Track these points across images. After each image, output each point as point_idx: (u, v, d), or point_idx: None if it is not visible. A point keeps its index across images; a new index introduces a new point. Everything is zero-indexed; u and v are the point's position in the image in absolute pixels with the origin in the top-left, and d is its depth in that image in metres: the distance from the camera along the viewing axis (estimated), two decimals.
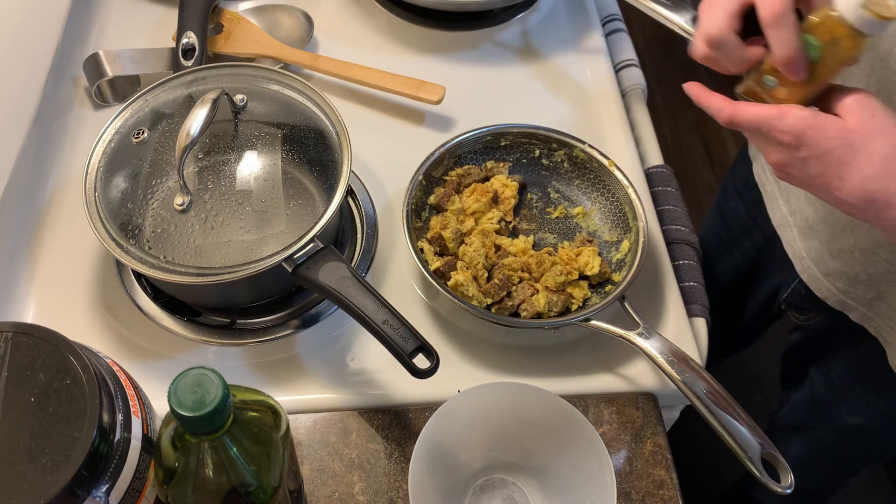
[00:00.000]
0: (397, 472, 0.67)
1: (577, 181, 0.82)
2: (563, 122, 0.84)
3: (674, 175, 0.88)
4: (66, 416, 0.47)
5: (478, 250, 0.74)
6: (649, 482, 0.68)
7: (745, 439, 0.63)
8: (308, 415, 0.70)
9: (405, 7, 0.99)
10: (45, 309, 0.74)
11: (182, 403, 0.44)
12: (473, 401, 0.64)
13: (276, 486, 0.52)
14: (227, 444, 0.48)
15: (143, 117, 0.73)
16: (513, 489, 0.67)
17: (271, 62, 0.91)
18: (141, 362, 0.71)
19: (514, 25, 1.01)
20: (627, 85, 0.98)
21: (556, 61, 0.98)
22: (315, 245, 0.66)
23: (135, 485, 0.51)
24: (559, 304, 0.72)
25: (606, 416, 0.71)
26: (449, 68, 0.96)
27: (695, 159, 2.16)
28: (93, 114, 0.88)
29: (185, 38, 0.86)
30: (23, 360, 0.49)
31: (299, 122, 0.73)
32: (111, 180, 0.69)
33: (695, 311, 0.78)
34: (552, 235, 0.80)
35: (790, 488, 0.62)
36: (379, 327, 0.61)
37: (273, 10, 0.97)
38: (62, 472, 0.45)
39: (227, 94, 0.71)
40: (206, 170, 0.69)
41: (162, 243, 0.66)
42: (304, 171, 0.71)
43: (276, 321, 0.73)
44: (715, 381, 0.66)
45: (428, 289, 0.77)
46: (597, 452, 0.61)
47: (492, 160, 0.83)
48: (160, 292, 0.73)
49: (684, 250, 0.82)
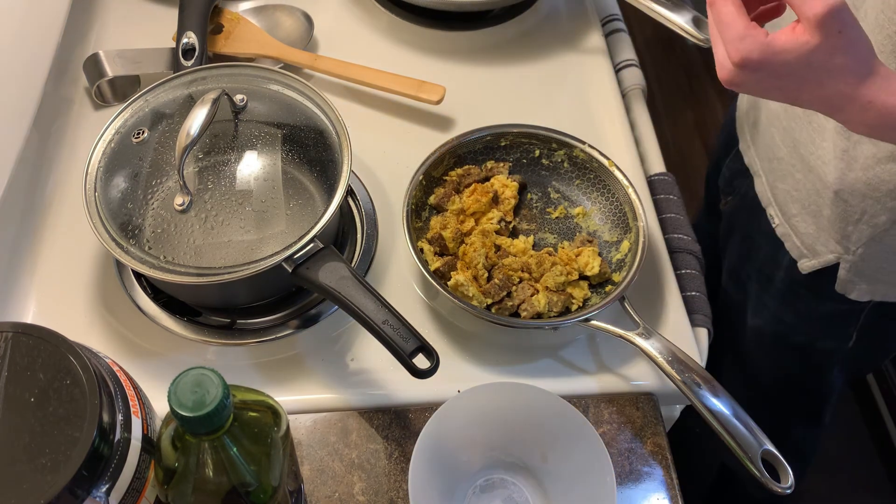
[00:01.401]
0: (397, 472, 0.67)
1: (577, 181, 0.82)
2: (563, 122, 0.84)
3: (676, 183, 0.89)
4: (66, 416, 0.47)
5: (478, 250, 0.74)
6: (649, 482, 0.68)
7: (744, 439, 0.63)
8: (308, 415, 0.70)
9: (405, 7, 0.99)
10: (45, 309, 0.74)
11: (182, 403, 0.44)
12: (473, 401, 0.64)
13: (276, 486, 0.52)
14: (227, 444, 0.48)
15: (143, 117, 0.73)
16: (513, 489, 0.67)
17: (271, 62, 0.91)
18: (141, 362, 0.71)
19: (514, 25, 1.01)
20: (627, 85, 0.98)
21: (556, 61, 0.98)
22: (315, 245, 0.66)
23: (135, 485, 0.51)
24: (559, 305, 0.72)
25: (606, 416, 0.71)
26: (449, 68, 0.96)
27: (695, 159, 2.16)
28: (93, 114, 0.88)
29: (185, 38, 0.86)
30: (23, 360, 0.49)
31: (299, 122, 0.73)
32: (111, 180, 0.69)
33: (697, 321, 0.78)
34: (552, 235, 0.80)
35: (790, 488, 0.62)
36: (379, 327, 0.61)
37: (273, 10, 0.97)
38: (62, 472, 0.45)
39: (227, 94, 0.71)
40: (206, 170, 0.69)
41: (162, 243, 0.66)
42: (304, 171, 0.71)
43: (277, 321, 0.73)
44: (714, 381, 0.66)
45: (428, 289, 0.77)
46: (597, 452, 0.61)
47: (492, 160, 0.83)
48: (160, 292, 0.73)
49: (686, 259, 0.82)
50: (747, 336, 0.97)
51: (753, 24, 0.52)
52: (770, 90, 0.54)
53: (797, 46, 0.50)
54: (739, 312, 0.97)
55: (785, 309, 0.89)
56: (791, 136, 0.77)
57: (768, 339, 0.94)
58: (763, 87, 0.54)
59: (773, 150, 0.81)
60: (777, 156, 0.80)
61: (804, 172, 0.76)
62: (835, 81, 0.52)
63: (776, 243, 0.84)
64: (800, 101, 0.55)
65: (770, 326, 0.92)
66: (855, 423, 1.69)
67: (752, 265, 0.92)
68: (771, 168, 0.82)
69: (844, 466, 1.60)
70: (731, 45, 0.52)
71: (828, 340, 0.90)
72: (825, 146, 0.72)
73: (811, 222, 0.78)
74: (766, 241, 0.87)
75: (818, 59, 0.51)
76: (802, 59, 0.51)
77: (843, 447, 1.62)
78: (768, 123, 0.81)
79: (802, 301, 0.86)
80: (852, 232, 0.74)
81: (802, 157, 0.76)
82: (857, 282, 0.78)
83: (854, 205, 0.72)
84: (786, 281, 0.86)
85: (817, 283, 0.82)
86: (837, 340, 0.89)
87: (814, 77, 0.52)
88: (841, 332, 0.88)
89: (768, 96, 0.56)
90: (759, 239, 0.89)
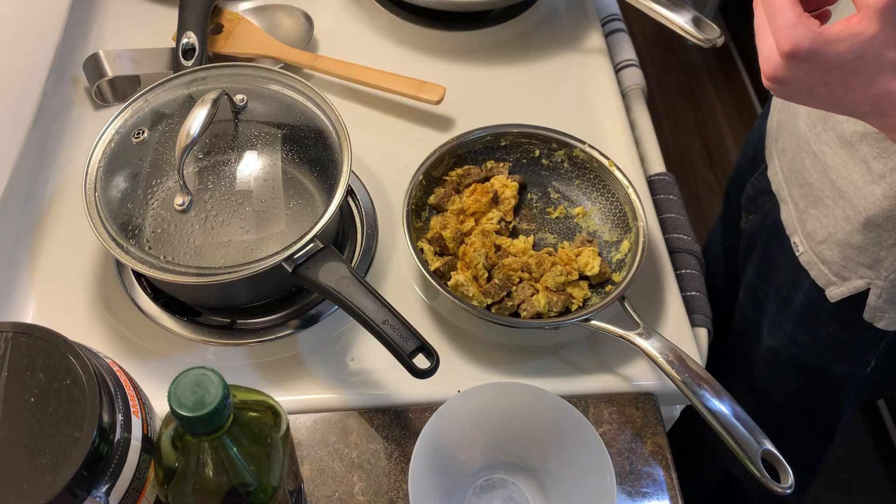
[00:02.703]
0: (397, 472, 0.67)
1: (577, 181, 0.82)
2: (563, 122, 0.84)
3: (676, 182, 0.88)
4: (66, 416, 0.47)
5: (478, 250, 0.74)
6: (649, 482, 0.68)
7: (744, 439, 0.63)
8: (308, 415, 0.70)
9: (405, 7, 0.99)
10: (45, 309, 0.74)
11: (182, 403, 0.44)
12: (473, 401, 0.64)
13: (276, 486, 0.52)
14: (227, 444, 0.48)
15: (143, 117, 0.73)
16: (513, 489, 0.67)
17: (271, 62, 0.91)
18: (141, 362, 0.71)
19: (515, 25, 1.01)
20: (627, 85, 0.98)
21: (556, 61, 0.98)
22: (315, 245, 0.66)
23: (135, 485, 0.51)
24: (559, 304, 0.72)
25: (606, 416, 0.71)
26: (449, 68, 0.96)
27: (695, 159, 2.17)
28: (93, 114, 0.88)
29: (185, 38, 0.86)
30: (23, 360, 0.49)
31: (299, 122, 0.73)
32: (111, 180, 0.69)
33: (697, 321, 0.78)
34: (552, 235, 0.80)
35: (790, 488, 0.62)
36: (379, 327, 0.61)
37: (273, 10, 0.97)
38: (62, 472, 0.45)
39: (227, 94, 0.71)
40: (206, 170, 0.69)
41: (162, 243, 0.66)
42: (304, 171, 0.71)
43: (277, 321, 0.73)
44: (715, 381, 0.66)
45: (428, 289, 0.77)
46: (597, 452, 0.61)
47: (492, 160, 0.83)
48: (160, 292, 0.73)
49: (686, 259, 0.82)
50: (761, 354, 0.95)
51: (806, 14, 0.50)
52: (815, 87, 0.52)
53: (851, 36, 0.48)
54: (754, 330, 0.95)
55: (802, 332, 0.87)
56: (822, 161, 0.74)
57: (783, 359, 0.92)
58: (808, 84, 0.52)
59: (803, 175, 0.78)
60: (807, 181, 0.77)
61: (834, 198, 0.74)
62: (885, 79, 0.49)
63: (797, 266, 0.82)
64: (844, 102, 0.52)
65: (785, 348, 0.90)
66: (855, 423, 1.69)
67: (769, 285, 0.90)
68: (801, 194, 0.79)
69: (845, 467, 1.60)
70: (782, 32, 0.50)
71: (844, 366, 0.88)
72: (857, 170, 0.70)
73: (838, 251, 0.75)
74: (787, 262, 0.84)
75: (872, 52, 0.48)
76: (856, 49, 0.48)
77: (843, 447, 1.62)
78: (798, 149, 0.78)
79: (822, 326, 0.84)
80: (885, 257, 0.72)
81: (833, 182, 0.73)
82: (887, 309, 0.76)
83: (888, 229, 0.70)
84: (805, 304, 0.83)
85: (841, 311, 0.80)
86: (855, 366, 0.87)
87: (864, 71, 0.50)
88: (859, 358, 0.86)
89: (811, 96, 0.53)
90: (780, 260, 0.86)
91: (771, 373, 0.96)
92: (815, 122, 0.74)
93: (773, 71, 0.52)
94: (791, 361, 0.91)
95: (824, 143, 0.73)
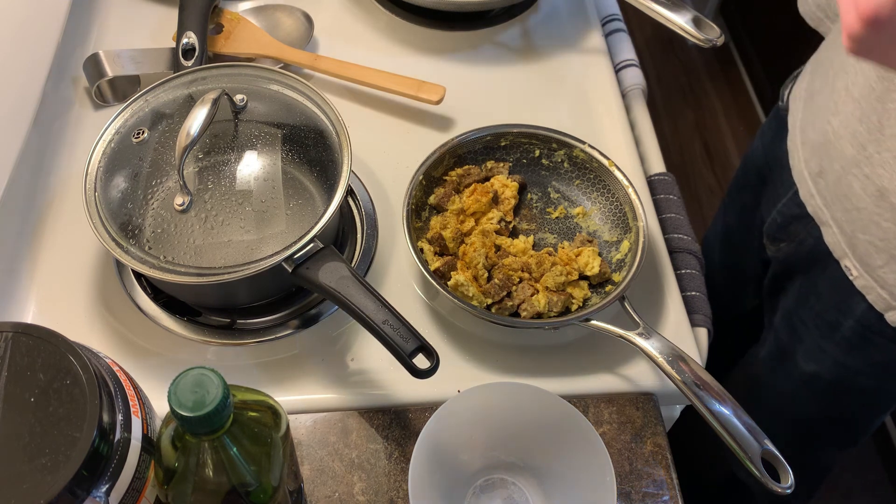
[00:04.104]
0: (397, 472, 0.67)
1: (577, 181, 0.82)
2: (563, 122, 0.84)
3: (676, 183, 0.88)
4: (66, 416, 0.47)
5: (478, 250, 0.74)
6: (649, 482, 0.68)
7: (745, 439, 0.63)
8: (308, 415, 0.70)
9: (405, 7, 0.99)
10: (45, 309, 0.74)
11: (182, 403, 0.44)
12: (473, 401, 0.64)
13: (276, 487, 0.52)
14: (227, 444, 0.48)
15: (143, 117, 0.73)
16: (513, 489, 0.67)
17: (271, 62, 0.91)
18: (141, 362, 0.71)
19: (514, 25, 1.01)
20: (627, 85, 0.98)
21: (556, 61, 0.98)
22: (315, 245, 0.66)
23: (135, 485, 0.51)
24: (559, 304, 0.72)
25: (606, 416, 0.71)
26: (449, 68, 0.96)
27: (695, 159, 2.17)
28: (93, 114, 0.88)
29: (185, 38, 0.86)
30: (23, 360, 0.49)
31: (299, 122, 0.73)
32: (111, 180, 0.69)
33: (697, 321, 0.78)
34: (552, 235, 0.80)
35: (790, 488, 0.62)
36: (379, 327, 0.61)
37: (273, 10, 0.97)
38: (62, 472, 0.45)
39: (227, 94, 0.71)
40: (206, 170, 0.69)
41: (162, 243, 0.66)
42: (304, 171, 0.71)
43: (276, 321, 0.73)
44: (715, 381, 0.66)
45: (428, 289, 0.77)
46: (597, 452, 0.61)
47: (492, 160, 0.83)
48: (160, 292, 0.73)
49: (686, 259, 0.82)
50: (793, 377, 0.93)
51: None
52: None
53: None
54: (786, 354, 0.93)
55: (853, 356, 0.85)
56: (875, 183, 0.71)
57: (824, 383, 0.90)
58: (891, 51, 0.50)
59: (852, 200, 0.75)
60: (857, 206, 0.74)
61: (892, 221, 0.71)
62: None
63: (847, 290, 0.79)
64: None
65: (830, 372, 0.88)
66: None
67: (807, 311, 0.87)
68: (849, 219, 0.76)
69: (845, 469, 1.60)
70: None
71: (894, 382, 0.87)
72: None
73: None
74: (831, 287, 0.82)
75: None
76: None
77: None
78: (843, 172, 0.75)
79: (878, 349, 0.82)
80: None
81: (893, 205, 0.70)
82: None
83: None
84: (856, 328, 0.81)
85: None
86: None
87: None
88: None
89: None
90: (821, 285, 0.84)
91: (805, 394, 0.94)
92: (863, 145, 0.71)
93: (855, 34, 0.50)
94: (836, 385, 0.89)
95: (878, 165, 0.71)
